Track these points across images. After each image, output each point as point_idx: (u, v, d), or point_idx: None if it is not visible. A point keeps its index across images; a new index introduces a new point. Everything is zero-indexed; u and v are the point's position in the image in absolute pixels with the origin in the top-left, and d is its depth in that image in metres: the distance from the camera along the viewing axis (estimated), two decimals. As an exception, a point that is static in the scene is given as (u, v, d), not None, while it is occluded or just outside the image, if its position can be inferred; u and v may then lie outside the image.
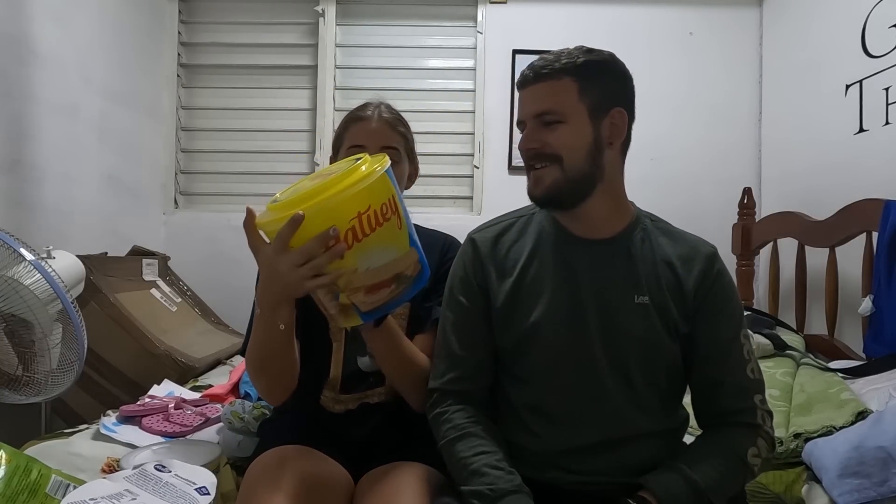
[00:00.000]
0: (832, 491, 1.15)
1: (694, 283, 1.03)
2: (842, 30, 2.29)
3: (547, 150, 1.01)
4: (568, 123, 1.00)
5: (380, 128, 1.24)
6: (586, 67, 1.01)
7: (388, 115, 1.26)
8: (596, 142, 1.02)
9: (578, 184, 1.02)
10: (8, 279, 1.41)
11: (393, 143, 1.24)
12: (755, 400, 1.01)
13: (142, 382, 1.92)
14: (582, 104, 1.01)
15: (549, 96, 1.01)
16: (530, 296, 1.05)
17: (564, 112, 1.00)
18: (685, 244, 1.07)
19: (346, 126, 1.27)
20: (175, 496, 0.97)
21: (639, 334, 1.01)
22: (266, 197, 0.99)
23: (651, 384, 1.02)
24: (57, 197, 2.22)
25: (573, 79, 1.00)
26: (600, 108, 1.02)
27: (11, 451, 1.12)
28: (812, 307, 2.34)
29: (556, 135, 1.00)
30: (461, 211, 3.05)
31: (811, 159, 2.51)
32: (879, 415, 1.22)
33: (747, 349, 1.04)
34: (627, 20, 2.98)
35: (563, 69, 1.01)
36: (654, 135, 2.91)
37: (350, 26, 3.09)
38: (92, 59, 2.44)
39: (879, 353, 1.80)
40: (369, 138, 1.22)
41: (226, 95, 3.10)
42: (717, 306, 1.03)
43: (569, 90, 1.00)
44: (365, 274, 0.91)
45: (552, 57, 1.02)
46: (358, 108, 1.29)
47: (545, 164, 1.01)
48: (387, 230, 0.91)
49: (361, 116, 1.26)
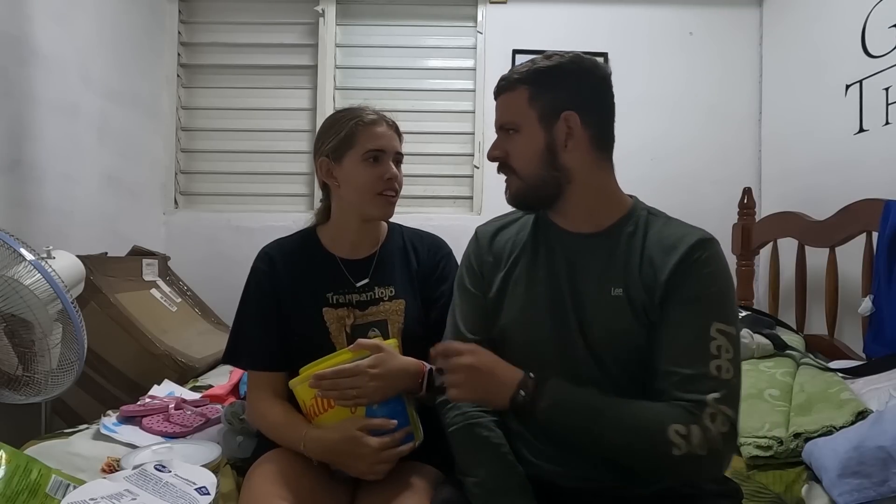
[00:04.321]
0: (832, 491, 1.15)
1: (668, 271, 0.98)
2: (842, 30, 2.29)
3: (505, 160, 1.06)
4: (520, 132, 1.04)
5: (393, 133, 1.29)
6: (538, 74, 1.04)
7: (391, 121, 1.31)
8: (549, 147, 1.03)
9: (540, 189, 1.04)
10: (8, 279, 1.41)
11: (400, 149, 1.31)
12: (708, 397, 0.89)
13: (142, 382, 1.92)
14: (532, 111, 1.03)
15: (506, 107, 1.07)
16: (515, 287, 1.08)
17: (516, 121, 1.05)
18: (673, 235, 1.02)
19: (356, 128, 1.26)
20: (175, 496, 0.96)
21: (612, 326, 1.01)
22: (266, 197, 1.01)
23: (630, 376, 1.01)
24: (57, 197, 2.22)
25: (526, 87, 1.04)
26: (551, 114, 1.03)
27: (11, 451, 1.12)
28: (812, 307, 2.34)
29: (512, 144, 1.05)
30: (461, 211, 3.05)
31: (811, 159, 2.51)
32: (879, 415, 1.22)
33: (720, 345, 0.92)
34: (627, 20, 2.97)
35: (519, 79, 1.04)
36: (654, 134, 2.91)
37: (350, 26, 3.09)
38: (92, 59, 2.44)
39: (879, 353, 1.80)
40: (388, 143, 1.27)
41: (226, 95, 3.10)
42: (687, 293, 0.96)
43: (521, 99, 1.04)
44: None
45: (517, 68, 1.06)
46: (360, 112, 1.29)
47: (506, 173, 1.07)
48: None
49: (374, 121, 1.27)
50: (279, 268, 1.28)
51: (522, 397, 0.93)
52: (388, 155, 1.27)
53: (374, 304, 1.28)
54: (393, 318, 1.28)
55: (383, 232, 1.37)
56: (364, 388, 1.09)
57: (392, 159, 1.28)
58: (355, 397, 1.10)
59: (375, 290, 1.29)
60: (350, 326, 1.25)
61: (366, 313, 1.27)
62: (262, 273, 1.29)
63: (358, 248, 1.32)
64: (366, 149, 1.25)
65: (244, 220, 2.96)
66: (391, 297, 1.29)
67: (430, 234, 1.41)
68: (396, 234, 1.38)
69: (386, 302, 1.28)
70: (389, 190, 1.26)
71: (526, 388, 0.93)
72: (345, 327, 1.25)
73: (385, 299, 1.28)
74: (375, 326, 1.27)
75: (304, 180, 3.08)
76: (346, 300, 1.27)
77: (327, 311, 1.26)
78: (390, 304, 1.28)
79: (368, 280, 1.29)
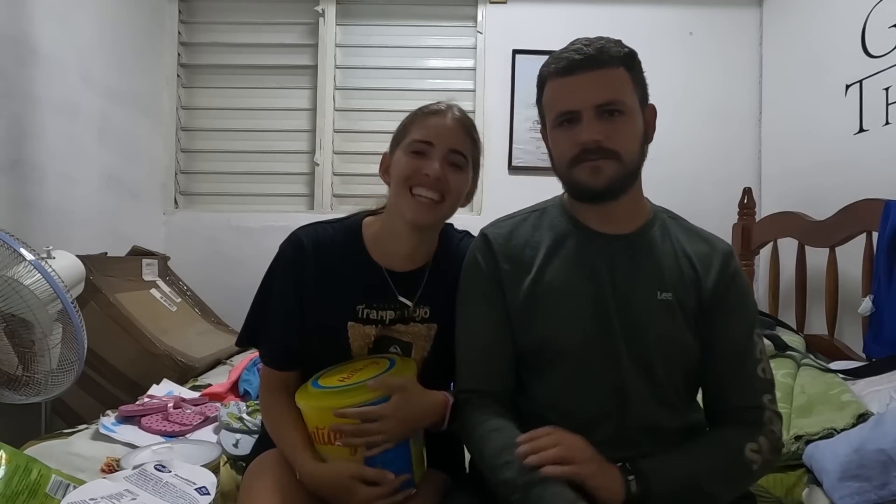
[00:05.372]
0: (833, 494, 1.15)
1: (712, 281, 1.02)
2: (842, 30, 2.29)
3: (608, 144, 0.96)
4: (626, 115, 0.98)
5: (454, 127, 1.11)
6: (631, 58, 1.00)
7: (463, 117, 1.13)
8: (645, 134, 1.02)
9: (632, 177, 1.01)
10: (8, 279, 1.41)
11: (462, 149, 1.10)
12: (764, 399, 1.00)
13: (142, 382, 1.92)
14: (635, 96, 1.00)
15: (610, 85, 0.97)
16: (550, 294, 1.02)
17: (626, 101, 0.98)
18: (703, 241, 1.06)
19: (414, 118, 1.13)
20: (175, 496, 0.96)
21: (661, 331, 1.00)
22: (266, 197, 1.00)
23: (672, 381, 1.01)
24: (57, 197, 2.22)
25: (624, 69, 0.98)
26: (644, 102, 1.02)
27: (11, 451, 1.12)
28: (812, 307, 2.34)
29: (617, 126, 0.97)
30: (461, 211, 3.02)
31: (811, 159, 2.50)
32: (880, 417, 1.22)
33: (760, 348, 1.02)
34: (627, 20, 2.97)
35: (617, 57, 0.97)
36: (654, 134, 2.91)
37: (350, 26, 3.09)
38: (92, 59, 2.44)
39: (879, 353, 1.80)
40: (440, 136, 1.09)
41: (226, 95, 3.10)
42: (733, 305, 1.02)
43: (625, 81, 0.98)
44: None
45: (598, 44, 0.97)
46: (431, 104, 1.15)
47: (604, 157, 0.97)
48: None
49: (436, 111, 1.12)
50: (309, 262, 1.12)
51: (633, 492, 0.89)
52: (438, 150, 1.08)
53: (405, 322, 1.14)
54: (420, 344, 1.15)
55: (436, 243, 1.19)
56: (387, 434, 1.00)
57: (443, 157, 1.08)
58: (377, 443, 1.00)
59: (417, 308, 1.14)
60: (372, 343, 1.13)
61: (394, 329, 1.14)
62: (290, 261, 1.13)
63: (403, 258, 1.15)
64: (416, 138, 1.09)
65: (244, 220, 2.96)
66: (423, 320, 1.14)
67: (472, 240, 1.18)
68: (449, 240, 1.21)
69: (417, 323, 1.14)
70: (423, 188, 1.07)
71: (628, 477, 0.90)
72: (368, 345, 1.13)
73: (417, 319, 1.14)
74: (399, 345, 1.14)
75: (304, 180, 3.08)
76: (377, 317, 1.13)
77: (353, 326, 1.12)
78: (420, 328, 1.14)
79: (413, 299, 1.14)
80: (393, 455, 1.03)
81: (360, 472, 1.00)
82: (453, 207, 1.14)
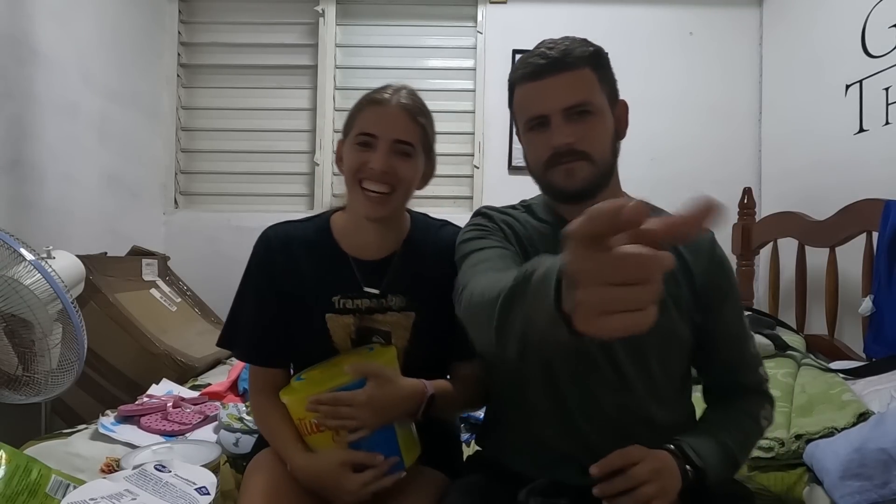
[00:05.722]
0: (833, 493, 1.15)
1: (701, 269, 1.03)
2: (842, 30, 2.29)
3: (579, 146, 0.97)
4: (596, 115, 0.98)
5: (397, 115, 1.07)
6: (598, 57, 1.00)
7: (408, 102, 1.08)
8: (616, 133, 1.02)
9: (605, 176, 1.01)
10: (8, 279, 1.41)
11: (407, 138, 1.07)
12: (762, 372, 1.07)
13: (141, 382, 1.92)
14: (603, 95, 1.00)
15: (576, 87, 0.97)
16: None
17: (594, 102, 0.98)
18: None
19: (360, 107, 1.10)
20: (175, 496, 0.96)
21: (659, 323, 0.99)
22: (266, 197, 1.00)
23: (668, 373, 1.02)
24: (57, 197, 2.22)
25: (590, 69, 0.98)
26: (613, 100, 1.02)
27: (11, 451, 1.12)
28: (812, 307, 2.34)
29: (587, 127, 0.97)
30: (461, 211, 3.04)
31: (811, 159, 2.50)
32: (881, 416, 1.22)
33: (747, 326, 1.08)
34: (627, 20, 2.98)
35: (582, 58, 0.97)
36: (654, 134, 2.91)
37: (350, 26, 3.09)
38: (92, 59, 2.44)
39: (879, 353, 1.80)
40: (383, 127, 1.06)
41: (226, 95, 3.10)
42: (724, 291, 1.05)
43: (591, 81, 0.98)
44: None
45: (562, 46, 0.97)
46: (376, 89, 1.11)
47: (577, 159, 0.97)
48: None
49: (378, 99, 1.08)
50: (278, 258, 1.13)
51: (691, 479, 0.90)
52: (382, 141, 1.05)
53: (381, 311, 1.13)
54: (398, 333, 1.14)
55: (406, 228, 1.18)
56: (362, 419, 1.00)
57: (388, 148, 1.06)
58: (352, 427, 1.00)
59: (388, 296, 1.13)
60: (353, 333, 1.13)
61: (372, 318, 1.13)
62: (260, 260, 1.14)
63: (373, 247, 1.14)
64: (359, 132, 1.07)
65: (244, 220, 2.95)
66: (401, 308, 1.13)
67: (454, 229, 1.17)
68: (421, 230, 1.20)
69: (395, 312, 1.13)
70: (370, 181, 1.06)
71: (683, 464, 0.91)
72: (350, 335, 1.13)
73: (394, 308, 1.13)
74: (380, 335, 1.14)
75: (304, 180, 3.08)
76: (353, 306, 1.13)
77: (331, 317, 1.12)
78: (398, 317, 1.13)
79: (382, 287, 1.13)
80: (378, 439, 1.03)
81: (348, 456, 1.01)
82: (407, 195, 1.13)
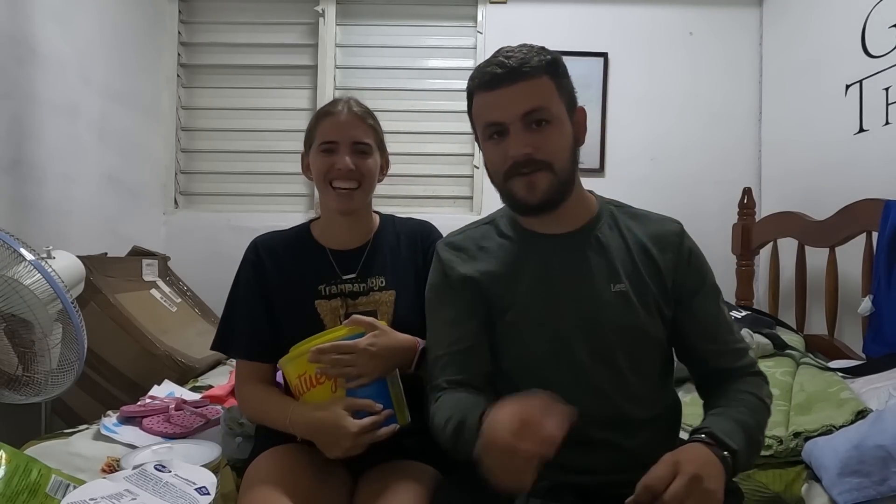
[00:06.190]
0: (832, 490, 1.15)
1: (670, 263, 1.03)
2: (842, 30, 2.29)
3: (539, 156, 0.97)
4: (554, 124, 0.99)
5: (351, 121, 1.26)
6: (555, 65, 1.00)
7: (358, 109, 1.29)
8: (574, 140, 1.03)
9: (566, 185, 1.02)
10: (8, 279, 1.41)
11: (363, 138, 1.27)
12: (751, 353, 1.08)
13: (142, 383, 1.92)
14: (561, 103, 1.00)
15: (533, 95, 0.97)
16: (505, 294, 1.04)
17: (552, 111, 0.98)
18: (652, 224, 1.08)
19: (316, 122, 1.29)
20: (175, 496, 0.96)
21: (621, 323, 1.00)
22: (266, 196, 1.01)
23: (639, 371, 1.02)
24: (57, 197, 2.22)
25: (549, 77, 0.99)
26: (572, 107, 1.02)
27: (11, 451, 1.12)
28: (812, 307, 2.34)
29: (545, 136, 0.98)
30: (461, 211, 3.04)
31: (811, 159, 2.51)
32: (879, 414, 1.22)
33: (727, 312, 1.08)
34: (627, 20, 2.97)
35: (539, 67, 0.97)
36: (655, 135, 2.91)
37: (350, 26, 3.09)
38: (92, 59, 2.44)
39: (879, 353, 1.80)
40: (341, 133, 1.25)
41: (226, 95, 3.10)
42: (698, 282, 1.05)
43: (549, 89, 0.99)
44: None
45: (520, 56, 0.98)
46: (327, 104, 1.31)
47: (537, 169, 0.98)
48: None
49: (331, 112, 1.27)
50: (266, 260, 1.29)
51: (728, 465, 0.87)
52: (343, 146, 1.25)
53: (365, 294, 1.28)
54: (383, 309, 1.27)
55: (375, 223, 1.37)
56: (362, 367, 1.09)
57: (349, 150, 1.25)
58: (353, 375, 1.10)
59: (368, 280, 1.29)
60: (343, 316, 1.24)
61: (357, 303, 1.27)
62: (250, 263, 1.31)
63: (347, 239, 1.32)
64: (321, 140, 1.26)
65: (244, 220, 2.95)
66: (381, 288, 1.28)
67: (418, 221, 1.40)
68: (388, 224, 1.38)
69: (377, 292, 1.28)
70: (339, 180, 1.24)
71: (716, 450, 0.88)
72: (339, 318, 1.24)
73: (376, 289, 1.28)
74: (367, 314, 1.24)
75: (304, 180, 3.06)
76: (338, 290, 1.27)
77: (320, 303, 1.26)
78: (381, 295, 1.28)
79: (357, 271, 1.28)
80: (371, 392, 1.11)
81: (349, 403, 1.09)
82: (371, 186, 1.30)
